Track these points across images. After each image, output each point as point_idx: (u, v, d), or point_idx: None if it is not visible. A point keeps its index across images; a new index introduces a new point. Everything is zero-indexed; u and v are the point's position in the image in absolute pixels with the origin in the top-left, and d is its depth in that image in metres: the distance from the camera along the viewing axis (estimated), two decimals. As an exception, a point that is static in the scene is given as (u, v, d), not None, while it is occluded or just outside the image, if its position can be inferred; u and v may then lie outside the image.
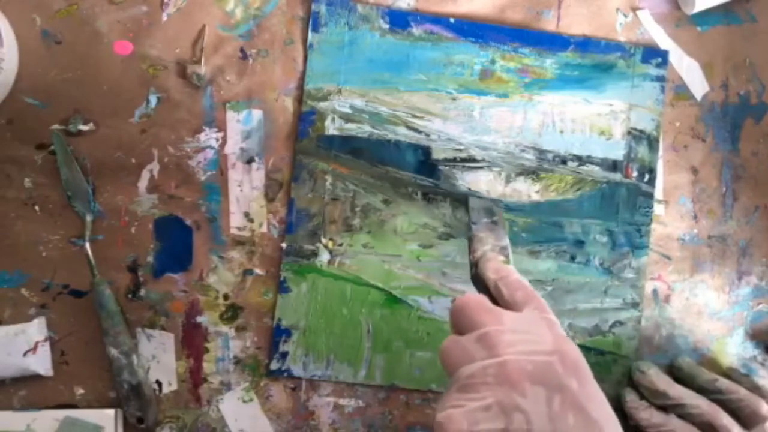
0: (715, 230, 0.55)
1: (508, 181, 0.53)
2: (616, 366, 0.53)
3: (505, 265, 0.43)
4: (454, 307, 0.39)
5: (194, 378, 0.51)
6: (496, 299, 0.40)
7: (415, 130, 0.52)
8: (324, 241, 0.51)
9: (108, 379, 0.50)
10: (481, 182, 0.53)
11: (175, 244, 0.51)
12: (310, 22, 0.51)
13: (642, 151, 0.54)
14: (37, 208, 0.50)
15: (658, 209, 0.54)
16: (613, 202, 0.53)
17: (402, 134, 0.52)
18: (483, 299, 0.39)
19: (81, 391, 0.50)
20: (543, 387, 0.33)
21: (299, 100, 0.52)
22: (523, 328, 0.36)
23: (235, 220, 0.51)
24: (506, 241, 0.46)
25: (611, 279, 0.53)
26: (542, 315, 0.37)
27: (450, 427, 0.33)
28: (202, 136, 0.51)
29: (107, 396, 0.50)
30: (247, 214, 0.51)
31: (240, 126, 0.51)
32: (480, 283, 0.43)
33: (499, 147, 0.53)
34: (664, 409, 0.51)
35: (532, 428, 0.32)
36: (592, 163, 0.53)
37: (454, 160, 0.52)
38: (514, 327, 0.36)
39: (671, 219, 0.54)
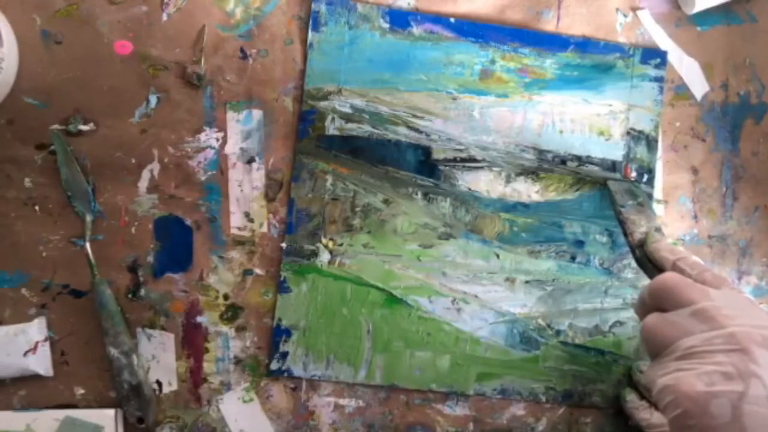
0: (715, 230, 0.55)
1: (508, 181, 0.53)
2: (616, 366, 0.53)
3: (677, 246, 0.46)
4: (656, 285, 0.41)
5: (194, 378, 0.51)
6: None
7: (416, 130, 0.52)
8: (324, 241, 0.51)
9: (108, 379, 0.50)
10: (481, 182, 0.53)
11: (175, 244, 0.51)
12: (310, 22, 0.51)
13: (641, 151, 0.54)
14: (37, 208, 0.50)
15: (658, 209, 0.54)
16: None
17: (402, 134, 0.52)
18: (684, 277, 0.41)
19: (81, 391, 0.50)
20: None
21: (299, 100, 0.52)
22: (733, 304, 0.38)
23: (235, 220, 0.51)
24: (657, 222, 0.49)
25: (611, 279, 0.53)
26: (743, 295, 0.40)
27: (681, 387, 0.35)
28: (202, 136, 0.51)
29: (107, 396, 0.50)
30: (247, 214, 0.51)
31: (240, 126, 0.51)
32: (649, 264, 0.46)
33: (499, 147, 0.53)
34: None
35: None
36: (591, 163, 0.53)
37: (454, 160, 0.52)
38: (724, 303, 0.38)
39: (671, 219, 0.54)
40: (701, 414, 0.34)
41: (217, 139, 0.51)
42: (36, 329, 0.49)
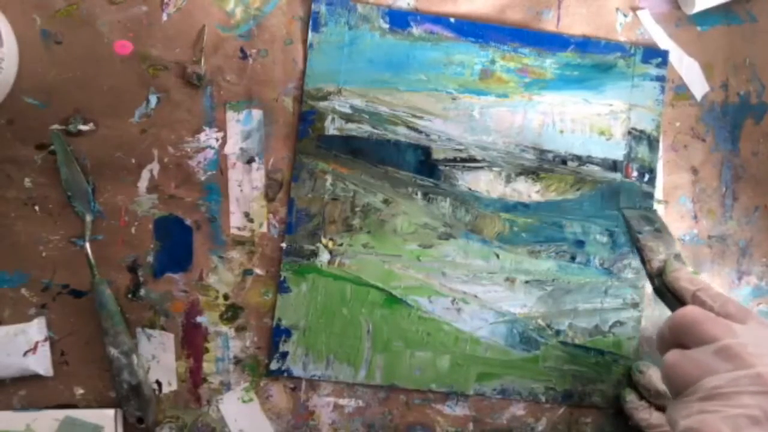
0: (715, 230, 0.55)
1: (508, 181, 0.53)
2: (616, 366, 0.53)
3: (697, 276, 0.44)
4: (677, 320, 0.39)
5: (194, 378, 0.51)
6: None
7: (415, 130, 0.52)
8: (324, 241, 0.51)
9: (108, 379, 0.50)
10: (481, 182, 0.53)
11: (175, 244, 0.51)
12: (310, 22, 0.51)
13: (642, 151, 0.54)
14: (37, 208, 0.50)
15: (658, 209, 0.54)
16: (613, 202, 0.53)
17: (402, 134, 0.52)
18: (706, 312, 0.39)
19: (81, 391, 0.50)
20: None
21: (299, 100, 0.52)
22: (760, 341, 0.36)
23: (235, 220, 0.51)
24: (677, 248, 0.47)
25: (611, 279, 0.53)
26: None
27: (706, 430, 0.34)
28: (202, 136, 0.51)
29: (107, 396, 0.50)
30: (247, 214, 0.51)
31: (240, 126, 0.51)
32: (668, 293, 0.44)
33: (499, 147, 0.53)
34: (663, 409, 0.51)
35: None
36: (592, 163, 0.53)
37: (454, 160, 0.52)
38: (751, 340, 0.36)
39: (671, 219, 0.54)
40: None
41: (217, 139, 0.51)
42: (36, 329, 0.49)
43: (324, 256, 0.51)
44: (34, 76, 0.49)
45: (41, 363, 0.50)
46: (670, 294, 0.45)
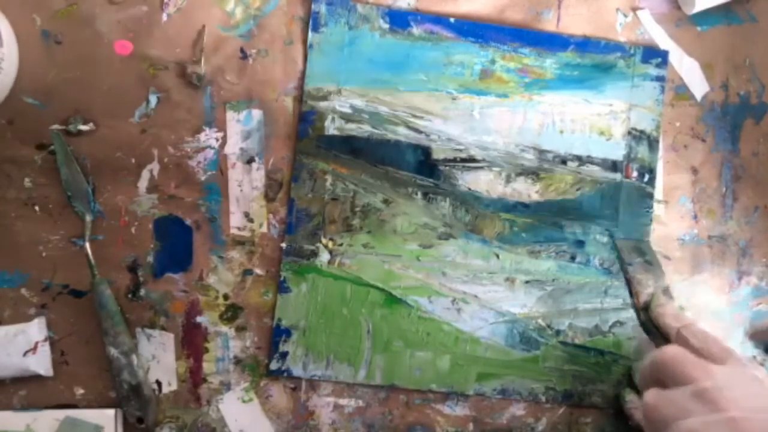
0: (715, 230, 0.55)
1: (508, 181, 0.53)
2: (616, 366, 0.53)
3: (684, 313, 0.44)
4: (657, 360, 0.40)
5: (194, 378, 0.51)
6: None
7: (415, 130, 0.52)
8: (324, 241, 0.51)
9: (108, 379, 0.50)
10: (481, 182, 0.53)
11: (175, 244, 0.51)
12: (310, 22, 0.51)
13: (642, 151, 0.54)
14: (37, 208, 0.50)
15: (658, 209, 0.54)
16: (613, 202, 0.53)
17: (402, 134, 0.52)
18: (686, 352, 0.40)
19: (81, 391, 0.50)
20: None
21: (299, 100, 0.52)
22: (737, 383, 0.37)
23: (235, 220, 0.51)
24: (666, 281, 0.47)
25: (611, 279, 0.53)
26: (749, 371, 0.39)
27: None
28: (202, 136, 0.51)
29: (107, 396, 0.50)
30: (247, 214, 0.51)
31: (240, 126, 0.51)
32: (653, 328, 0.45)
33: (499, 147, 0.53)
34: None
35: None
36: (592, 163, 0.53)
37: (454, 160, 0.52)
38: (728, 383, 0.37)
39: (671, 219, 0.54)
40: None
41: (217, 139, 0.51)
42: (36, 329, 0.49)
43: (324, 256, 0.51)
44: (34, 76, 0.49)
45: (41, 363, 0.50)
46: (655, 329, 0.45)
